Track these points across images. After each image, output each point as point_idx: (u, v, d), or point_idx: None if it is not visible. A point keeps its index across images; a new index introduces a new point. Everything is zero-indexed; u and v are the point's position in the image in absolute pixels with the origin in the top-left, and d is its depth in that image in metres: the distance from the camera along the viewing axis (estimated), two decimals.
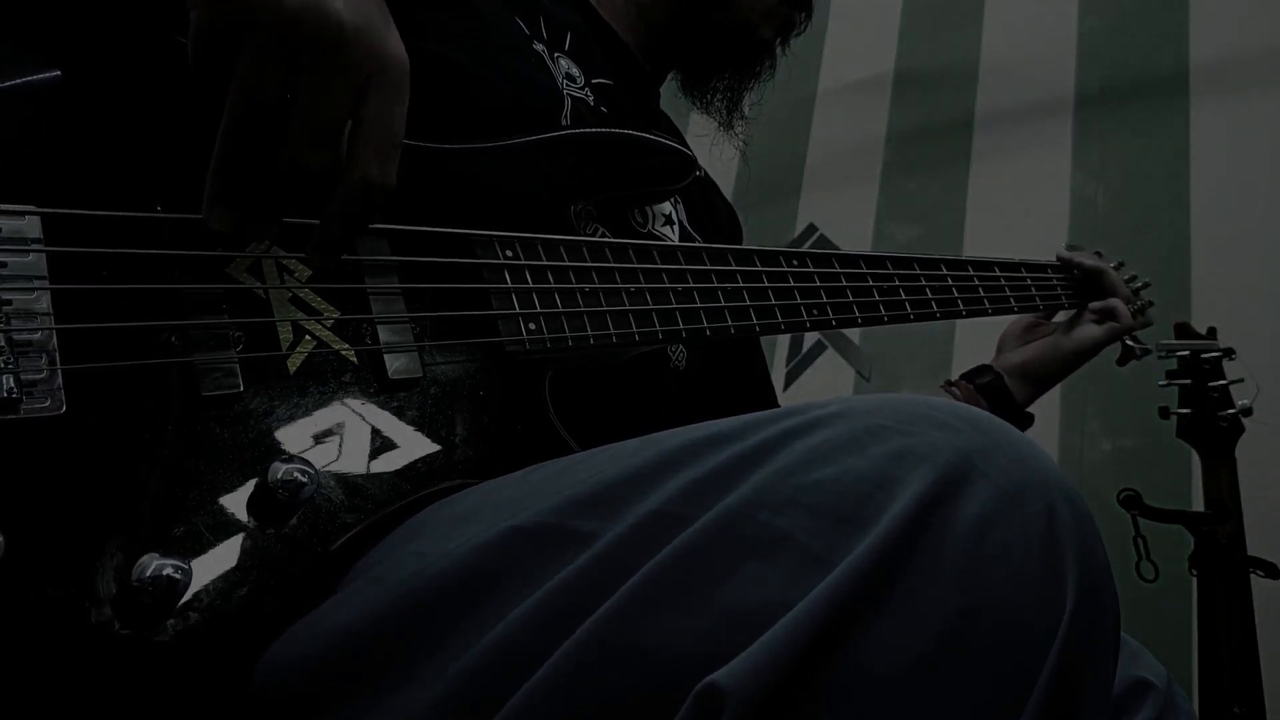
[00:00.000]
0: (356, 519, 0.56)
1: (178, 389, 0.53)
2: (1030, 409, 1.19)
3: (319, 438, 0.57)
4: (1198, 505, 1.32)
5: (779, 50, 1.08)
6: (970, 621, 0.41)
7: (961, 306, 1.02)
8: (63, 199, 0.53)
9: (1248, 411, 1.28)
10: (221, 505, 0.52)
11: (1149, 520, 1.29)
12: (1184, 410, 1.31)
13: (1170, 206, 1.91)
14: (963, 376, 1.19)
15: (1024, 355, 1.18)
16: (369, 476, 0.58)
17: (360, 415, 0.59)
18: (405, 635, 0.50)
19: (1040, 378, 1.18)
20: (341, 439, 0.57)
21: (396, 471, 0.59)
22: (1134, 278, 1.29)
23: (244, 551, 0.52)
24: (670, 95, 1.09)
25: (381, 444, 0.59)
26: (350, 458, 0.57)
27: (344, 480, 0.57)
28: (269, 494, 0.53)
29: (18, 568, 0.46)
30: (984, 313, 1.07)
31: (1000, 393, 1.15)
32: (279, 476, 0.53)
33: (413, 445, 0.60)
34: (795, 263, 0.86)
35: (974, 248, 2.06)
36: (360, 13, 0.52)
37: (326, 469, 0.56)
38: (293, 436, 0.56)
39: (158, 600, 0.48)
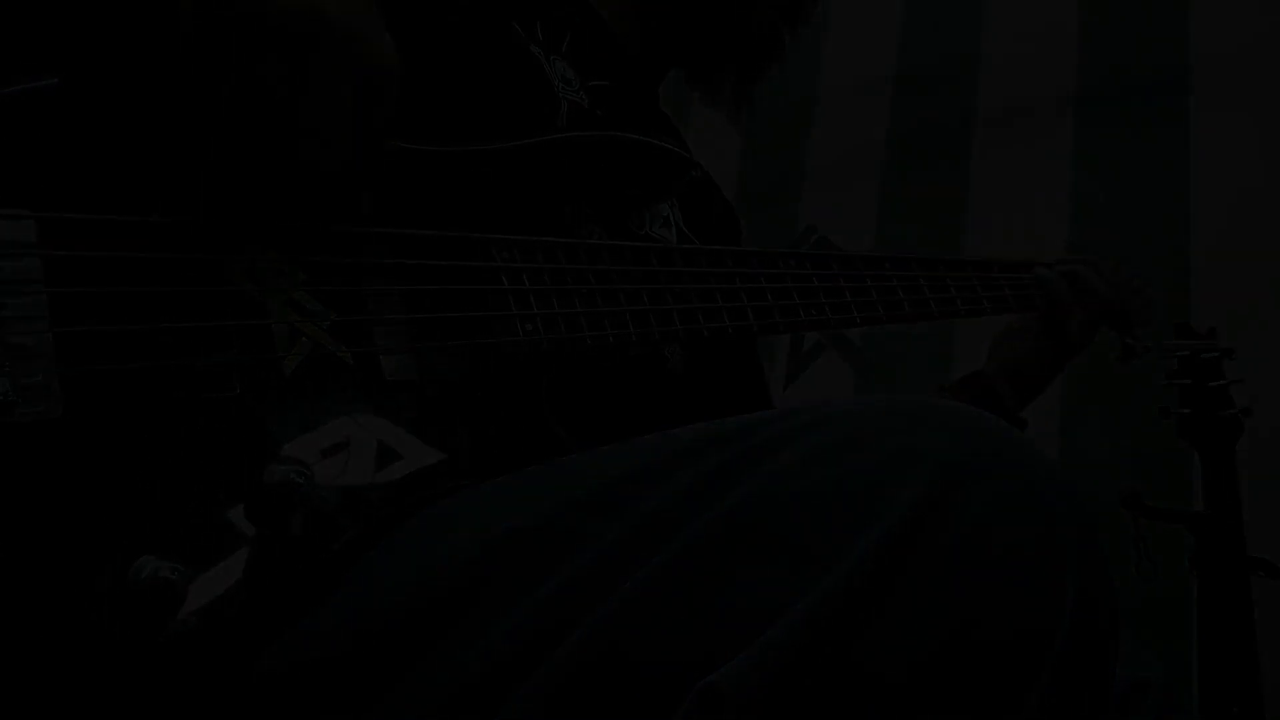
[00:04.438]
0: (353, 521, 0.56)
1: (174, 392, 0.53)
2: (1029, 409, 1.19)
3: (316, 440, 0.57)
4: (1198, 505, 1.32)
5: (786, 39, 1.07)
6: (969, 622, 0.41)
7: (960, 305, 1.02)
8: (58, 203, 0.53)
9: (1248, 411, 1.28)
10: (218, 508, 0.52)
11: (1149, 520, 1.29)
12: (1184, 410, 1.31)
13: (1170, 206, 1.91)
14: (957, 383, 1.19)
15: (1013, 356, 1.19)
16: (366, 479, 0.57)
17: (357, 417, 0.59)
18: (403, 638, 0.50)
19: (1031, 377, 1.18)
20: (338, 441, 0.57)
21: (394, 474, 0.59)
22: (1135, 276, 1.29)
23: (241, 554, 0.52)
24: (671, 93, 1.08)
25: (378, 446, 0.59)
26: (347, 460, 0.57)
27: (341, 483, 0.56)
28: (265, 497, 0.53)
29: (15, 571, 0.46)
30: (983, 312, 1.07)
31: (992, 398, 1.15)
32: (275, 480, 0.53)
33: (409, 447, 0.60)
34: (793, 263, 0.86)
35: (974, 248, 2.06)
36: (351, 17, 0.53)
37: (323, 472, 0.56)
38: (289, 439, 0.56)
39: (155, 603, 0.48)
